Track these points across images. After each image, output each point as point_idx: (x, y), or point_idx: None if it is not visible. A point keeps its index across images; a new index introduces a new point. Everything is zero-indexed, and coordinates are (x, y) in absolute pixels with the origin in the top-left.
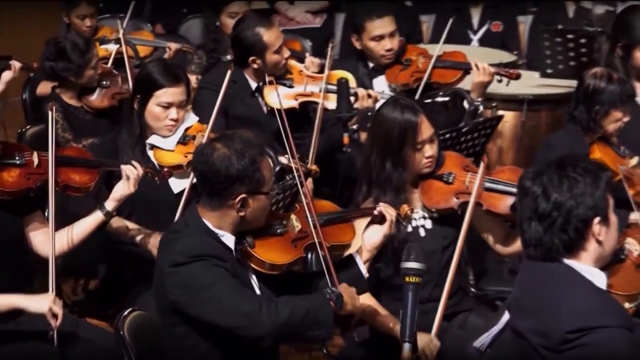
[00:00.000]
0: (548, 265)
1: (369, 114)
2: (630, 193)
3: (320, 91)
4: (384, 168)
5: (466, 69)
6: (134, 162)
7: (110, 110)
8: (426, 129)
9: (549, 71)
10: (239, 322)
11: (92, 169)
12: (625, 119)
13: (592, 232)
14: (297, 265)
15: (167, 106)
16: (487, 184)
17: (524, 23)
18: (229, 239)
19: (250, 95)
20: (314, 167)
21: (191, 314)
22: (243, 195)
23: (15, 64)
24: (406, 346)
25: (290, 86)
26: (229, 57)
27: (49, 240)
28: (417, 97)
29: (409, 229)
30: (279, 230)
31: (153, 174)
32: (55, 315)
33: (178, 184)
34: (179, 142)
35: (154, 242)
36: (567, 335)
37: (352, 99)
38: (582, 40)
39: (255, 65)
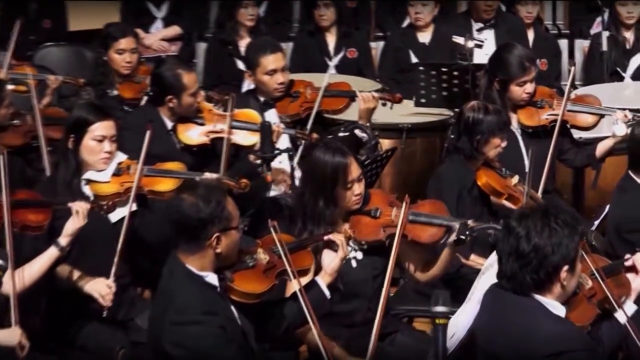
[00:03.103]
0: (518, 297)
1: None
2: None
3: (228, 128)
4: (317, 205)
5: (352, 97)
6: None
7: (24, 149)
8: (355, 169)
9: (423, 100)
10: None
11: (45, 208)
12: (503, 145)
13: (559, 277)
14: (272, 292)
15: (101, 139)
16: (411, 217)
17: (376, 49)
18: (212, 278)
19: (165, 133)
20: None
21: None
22: (217, 234)
23: None
24: None
25: (202, 124)
26: (115, 92)
27: (9, 279)
28: (309, 126)
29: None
30: (250, 264)
31: (99, 207)
32: (23, 347)
33: (115, 214)
34: (113, 174)
35: (91, 286)
36: (544, 359)
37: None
38: (455, 73)
39: (171, 104)
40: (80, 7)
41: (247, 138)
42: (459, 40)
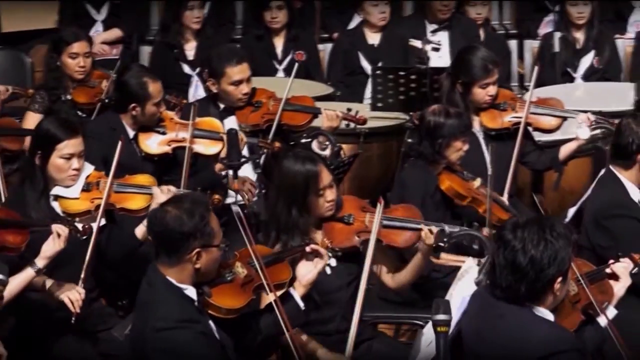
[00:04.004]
0: (511, 306)
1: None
2: (480, 211)
3: (190, 136)
4: (290, 215)
5: (315, 114)
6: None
7: None
8: (326, 176)
9: (380, 105)
10: None
11: (24, 229)
12: (465, 148)
13: (553, 288)
14: (249, 307)
15: (69, 157)
16: (385, 222)
17: (324, 51)
18: (191, 292)
19: (128, 142)
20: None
21: None
22: (197, 250)
23: None
24: None
25: (164, 133)
26: (69, 96)
27: None
28: (270, 137)
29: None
30: (228, 278)
31: (76, 230)
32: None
33: None
34: (82, 190)
35: (62, 292)
36: None
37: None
38: (413, 77)
39: (134, 112)
40: (12, 7)
41: (209, 147)
42: (416, 43)
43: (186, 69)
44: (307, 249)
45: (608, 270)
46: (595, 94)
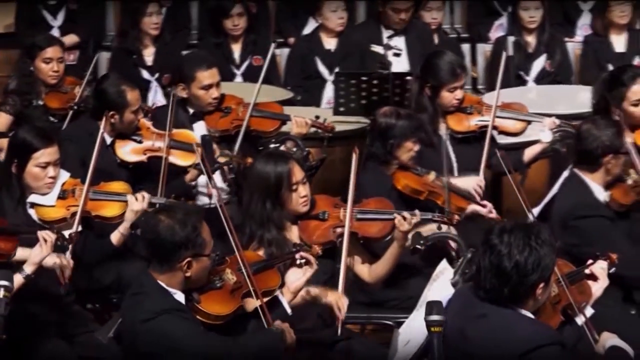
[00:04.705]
0: (495, 307)
1: None
2: (439, 203)
3: (166, 147)
4: (265, 208)
5: (284, 120)
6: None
7: None
8: (298, 172)
9: (342, 109)
10: None
11: (12, 236)
12: (416, 149)
13: (535, 293)
14: (237, 313)
15: (45, 166)
16: (359, 215)
17: (280, 56)
18: (180, 297)
19: (105, 148)
20: None
21: None
22: (188, 259)
23: None
24: None
25: (140, 142)
26: (40, 102)
27: None
28: (238, 144)
29: None
30: (218, 284)
31: (63, 239)
32: None
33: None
34: (58, 198)
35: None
36: (520, 357)
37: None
38: (375, 82)
39: (112, 120)
40: None
41: (182, 159)
42: (378, 49)
43: (145, 74)
44: (297, 256)
45: (587, 271)
46: (547, 97)
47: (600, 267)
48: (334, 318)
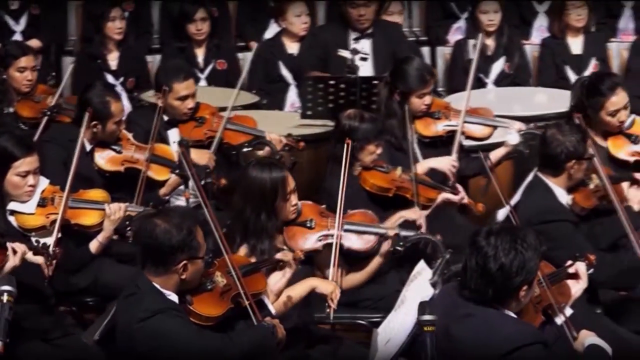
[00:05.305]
0: (479, 307)
1: None
2: (408, 197)
3: (145, 160)
4: (259, 220)
5: (257, 136)
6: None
7: None
8: (291, 181)
9: (309, 113)
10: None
11: (2, 249)
12: (379, 151)
13: (519, 294)
14: (227, 315)
15: (25, 174)
16: (346, 226)
17: (243, 60)
18: (174, 298)
19: (84, 154)
20: None
21: None
22: (184, 262)
23: None
24: None
25: (119, 152)
26: (11, 109)
27: None
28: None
29: None
30: (209, 287)
31: (49, 254)
32: None
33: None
34: (38, 205)
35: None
36: (505, 356)
37: None
38: (342, 86)
39: (95, 129)
40: None
41: (159, 174)
42: (345, 53)
43: (110, 78)
44: (277, 256)
45: (570, 271)
46: (505, 99)
47: (580, 268)
48: (313, 320)
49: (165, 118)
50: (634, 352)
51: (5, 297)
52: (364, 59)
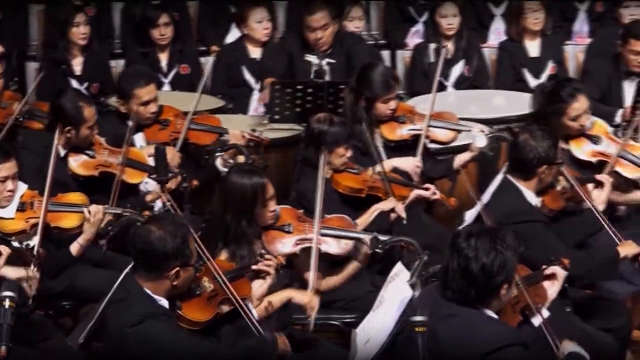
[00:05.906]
0: (462, 307)
1: None
2: (381, 196)
3: (118, 164)
4: (240, 226)
5: (221, 133)
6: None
7: None
8: (270, 187)
9: (277, 117)
10: None
11: None
12: (348, 155)
13: (499, 293)
14: (214, 320)
15: (4, 180)
16: (323, 231)
17: (205, 64)
18: (164, 303)
19: (59, 160)
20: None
21: None
22: (177, 269)
23: None
24: None
25: (93, 156)
26: None
27: None
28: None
29: None
30: (197, 292)
31: (33, 256)
32: None
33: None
34: (17, 210)
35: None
36: (486, 356)
37: None
38: (309, 90)
39: (68, 135)
40: None
41: (132, 177)
42: (312, 59)
43: (74, 83)
44: (259, 266)
45: (547, 272)
46: (464, 101)
47: (558, 271)
48: (292, 322)
49: (130, 123)
50: (600, 349)
51: (7, 303)
52: (330, 64)
